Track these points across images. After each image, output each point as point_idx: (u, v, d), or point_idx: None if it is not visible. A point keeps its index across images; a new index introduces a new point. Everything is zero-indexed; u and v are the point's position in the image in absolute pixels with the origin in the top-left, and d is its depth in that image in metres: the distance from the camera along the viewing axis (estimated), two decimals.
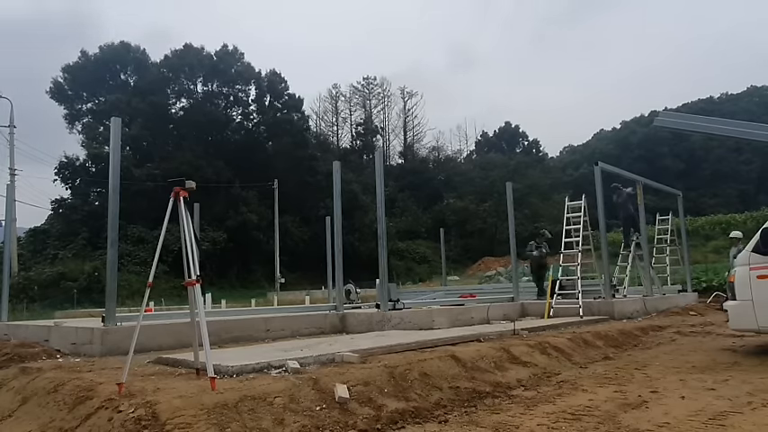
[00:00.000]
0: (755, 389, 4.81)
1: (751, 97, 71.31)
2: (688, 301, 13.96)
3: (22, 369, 5.59)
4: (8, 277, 11.01)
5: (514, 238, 12.66)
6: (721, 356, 6.79)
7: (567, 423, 3.91)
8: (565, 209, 12.46)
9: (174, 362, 5.47)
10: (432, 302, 13.06)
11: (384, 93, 66.83)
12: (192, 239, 4.48)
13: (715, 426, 3.77)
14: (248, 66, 49.76)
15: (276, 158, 46.37)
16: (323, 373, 4.64)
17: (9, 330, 9.04)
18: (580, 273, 11.74)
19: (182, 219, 4.52)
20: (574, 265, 11.81)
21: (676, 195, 17.07)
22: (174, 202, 4.52)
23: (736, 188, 59.83)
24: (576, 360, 6.69)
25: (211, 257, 35.03)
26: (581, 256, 11.78)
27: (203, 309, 4.60)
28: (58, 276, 30.71)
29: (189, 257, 4.37)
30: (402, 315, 9.42)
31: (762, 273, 6.22)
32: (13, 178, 31.74)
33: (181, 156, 40.88)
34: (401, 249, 44.07)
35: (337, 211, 10.96)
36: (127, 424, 3.46)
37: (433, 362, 5.32)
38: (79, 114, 46.42)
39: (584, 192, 12.90)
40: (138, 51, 48.04)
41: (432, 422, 4.11)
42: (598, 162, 12.53)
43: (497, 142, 69.36)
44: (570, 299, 11.42)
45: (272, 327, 8.84)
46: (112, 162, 7.25)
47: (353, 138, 63.92)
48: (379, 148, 47.07)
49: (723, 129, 9.72)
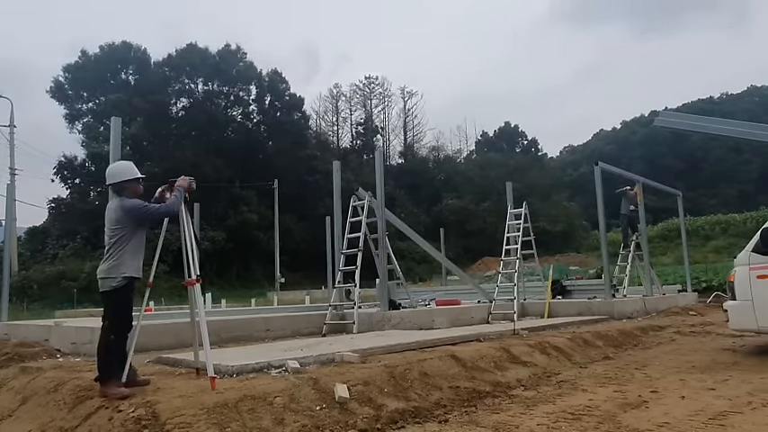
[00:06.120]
0: (755, 389, 4.81)
1: (751, 97, 71.21)
2: (688, 301, 13.96)
3: (23, 369, 5.60)
4: (8, 277, 11.01)
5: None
6: (721, 356, 6.79)
7: (567, 423, 3.91)
8: (507, 216, 12.29)
9: (174, 361, 5.48)
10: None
11: (384, 92, 66.83)
12: (192, 239, 4.49)
13: (715, 426, 3.77)
14: (250, 65, 49.81)
15: (276, 158, 46.36)
16: (323, 372, 4.65)
17: (9, 330, 9.05)
18: (524, 275, 12.01)
19: (182, 218, 4.52)
20: (512, 271, 11.54)
21: (676, 195, 17.07)
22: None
23: (736, 188, 59.75)
24: (575, 360, 6.69)
25: (211, 257, 35.01)
26: (519, 263, 11.57)
27: (203, 308, 4.60)
28: (57, 276, 30.69)
29: (189, 257, 4.38)
30: (402, 315, 9.43)
31: (762, 273, 6.22)
32: (14, 178, 31.70)
33: (181, 155, 40.84)
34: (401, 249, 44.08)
35: (337, 210, 10.97)
36: (127, 424, 3.46)
37: (432, 362, 5.32)
38: (79, 114, 46.39)
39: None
40: (139, 51, 48.02)
41: (432, 422, 4.11)
42: (598, 162, 12.53)
43: (497, 142, 69.24)
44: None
45: (272, 326, 8.85)
46: (112, 161, 7.19)
47: (353, 137, 63.93)
48: (379, 148, 46.96)
49: (723, 129, 9.72)
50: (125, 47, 47.52)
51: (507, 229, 12.04)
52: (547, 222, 45.62)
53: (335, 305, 9.99)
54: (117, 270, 4.17)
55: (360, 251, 9.97)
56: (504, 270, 12.04)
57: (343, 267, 10.27)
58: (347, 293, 10.81)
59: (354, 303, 9.61)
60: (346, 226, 10.50)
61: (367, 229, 10.22)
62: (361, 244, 10.04)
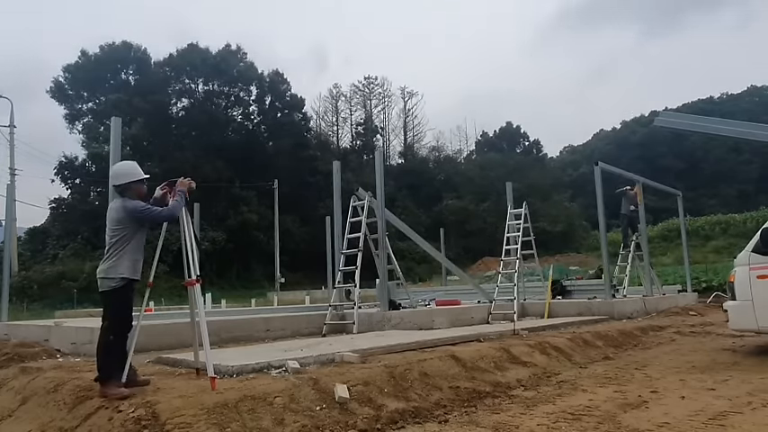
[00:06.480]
0: (755, 389, 4.81)
1: (751, 97, 71.24)
2: (688, 301, 13.96)
3: (22, 369, 5.60)
4: (8, 277, 11.02)
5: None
6: (721, 356, 6.79)
7: (567, 423, 3.91)
8: (507, 216, 12.29)
9: (174, 362, 5.48)
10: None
11: (384, 92, 66.80)
12: (192, 239, 4.49)
13: (715, 426, 3.77)
14: (250, 65, 49.83)
15: (276, 158, 46.38)
16: (323, 373, 4.65)
17: (9, 330, 9.05)
18: (524, 276, 12.00)
19: (182, 219, 4.52)
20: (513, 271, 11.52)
21: (676, 195, 17.08)
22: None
23: (736, 188, 59.75)
24: (575, 360, 6.69)
25: (211, 257, 35.01)
26: (519, 263, 11.57)
27: (203, 309, 4.60)
28: (57, 276, 30.69)
29: (189, 257, 4.38)
30: (402, 315, 9.43)
31: (762, 273, 6.22)
32: (14, 178, 31.68)
33: (181, 155, 40.85)
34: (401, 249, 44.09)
35: (337, 210, 10.97)
36: (127, 424, 3.46)
37: (432, 362, 5.32)
38: (79, 114, 46.40)
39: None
40: (139, 50, 48.01)
41: (432, 422, 4.11)
42: (598, 162, 12.53)
43: (497, 142, 69.17)
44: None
45: (272, 327, 8.85)
46: (113, 161, 7.22)
47: (354, 138, 63.91)
48: (380, 148, 46.96)
49: (723, 129, 9.72)
50: (125, 47, 47.52)
51: (507, 229, 12.04)
52: (547, 222, 45.61)
53: (335, 305, 9.99)
54: (116, 270, 4.17)
55: (360, 251, 9.97)
56: (504, 270, 12.05)
57: (343, 267, 10.28)
58: (347, 294, 10.81)
59: (354, 303, 9.61)
60: (346, 226, 10.50)
61: (367, 229, 10.22)
62: (361, 244, 10.04)
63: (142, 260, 4.36)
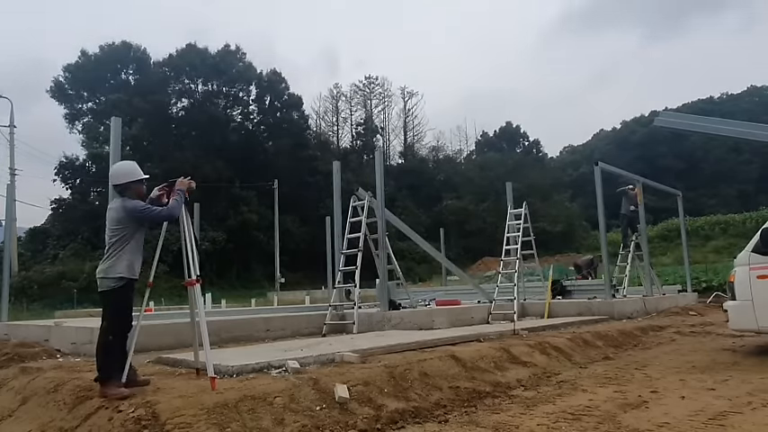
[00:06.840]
0: (755, 389, 4.81)
1: (751, 97, 71.22)
2: (688, 301, 13.96)
3: (22, 369, 5.60)
4: (8, 277, 11.02)
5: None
6: (721, 356, 6.79)
7: (567, 423, 3.91)
8: (507, 216, 12.28)
9: (174, 362, 5.48)
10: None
11: (385, 92, 66.80)
12: (192, 239, 4.49)
13: (715, 426, 3.77)
14: (249, 65, 49.82)
15: (276, 158, 46.39)
16: (323, 373, 4.65)
17: (9, 330, 9.05)
18: (524, 276, 11.99)
19: (181, 219, 4.52)
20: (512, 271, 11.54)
21: (676, 195, 17.08)
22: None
23: (736, 188, 59.73)
24: (575, 360, 6.69)
25: (211, 257, 34.99)
26: (519, 263, 11.58)
27: (203, 309, 4.60)
28: (58, 276, 30.69)
29: (189, 257, 4.38)
30: (402, 315, 9.43)
31: (762, 273, 6.22)
32: (14, 178, 31.68)
33: (181, 155, 40.84)
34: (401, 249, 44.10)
35: (337, 210, 10.97)
36: (127, 424, 3.46)
37: (432, 362, 5.32)
38: (79, 114, 46.40)
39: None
40: (139, 50, 48.03)
41: (432, 422, 4.11)
42: (598, 162, 12.53)
43: (497, 142, 69.17)
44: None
45: (272, 327, 8.85)
46: (113, 162, 7.22)
47: (354, 138, 63.87)
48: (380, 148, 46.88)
49: (723, 129, 9.71)
50: (125, 47, 47.54)
51: (507, 229, 12.04)
52: (547, 222, 45.59)
53: (335, 305, 9.99)
54: (115, 270, 4.18)
55: (360, 251, 9.97)
56: (504, 270, 12.05)
57: (343, 267, 10.28)
58: (347, 294, 10.81)
59: (354, 303, 9.61)
60: (346, 226, 10.50)
61: (367, 229, 10.22)
62: (361, 244, 10.04)
63: (141, 260, 4.36)
